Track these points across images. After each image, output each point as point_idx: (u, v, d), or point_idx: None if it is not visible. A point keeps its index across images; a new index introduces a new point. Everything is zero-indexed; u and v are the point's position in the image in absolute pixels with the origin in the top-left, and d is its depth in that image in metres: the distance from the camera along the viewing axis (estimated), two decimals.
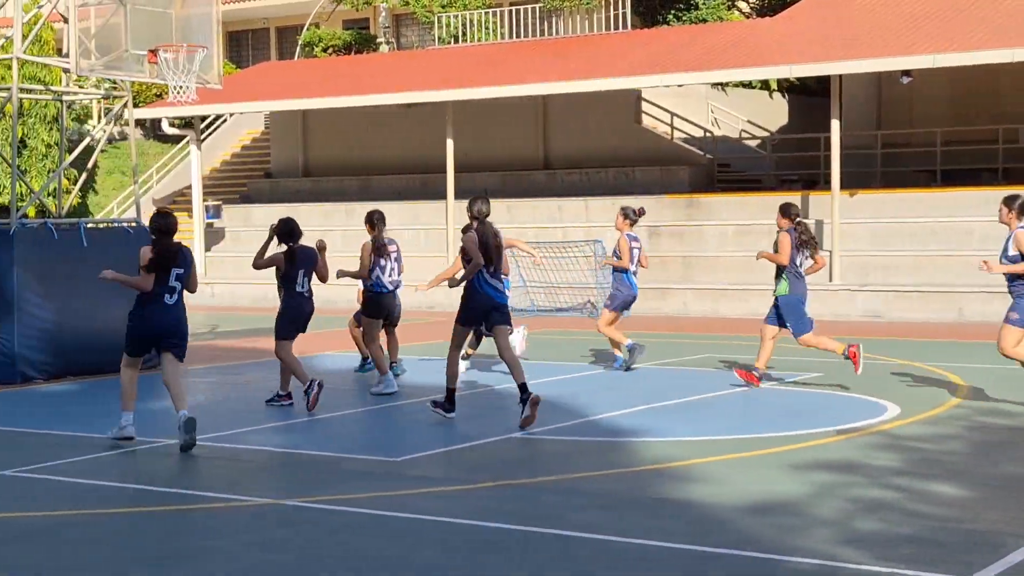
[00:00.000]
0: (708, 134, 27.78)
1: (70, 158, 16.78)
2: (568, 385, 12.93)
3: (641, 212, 14.10)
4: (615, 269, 13.94)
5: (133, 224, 15.20)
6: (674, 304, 22.05)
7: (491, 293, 10.54)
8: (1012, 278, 10.75)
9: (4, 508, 7.96)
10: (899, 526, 7.02)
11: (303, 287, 11.64)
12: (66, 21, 14.26)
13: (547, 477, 8.55)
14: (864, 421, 10.47)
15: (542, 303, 23.19)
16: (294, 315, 11.66)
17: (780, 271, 12.10)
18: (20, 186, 26.24)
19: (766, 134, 28.60)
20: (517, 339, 14.22)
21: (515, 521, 7.26)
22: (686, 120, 27.83)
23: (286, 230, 11.60)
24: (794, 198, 23.17)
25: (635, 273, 13.97)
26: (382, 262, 12.46)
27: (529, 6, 30.24)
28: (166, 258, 9.71)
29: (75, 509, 7.91)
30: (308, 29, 36.03)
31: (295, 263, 11.56)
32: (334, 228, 26.61)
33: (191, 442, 9.55)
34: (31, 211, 26.18)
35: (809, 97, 29.47)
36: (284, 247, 11.64)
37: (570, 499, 7.86)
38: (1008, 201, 10.73)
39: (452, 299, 25.30)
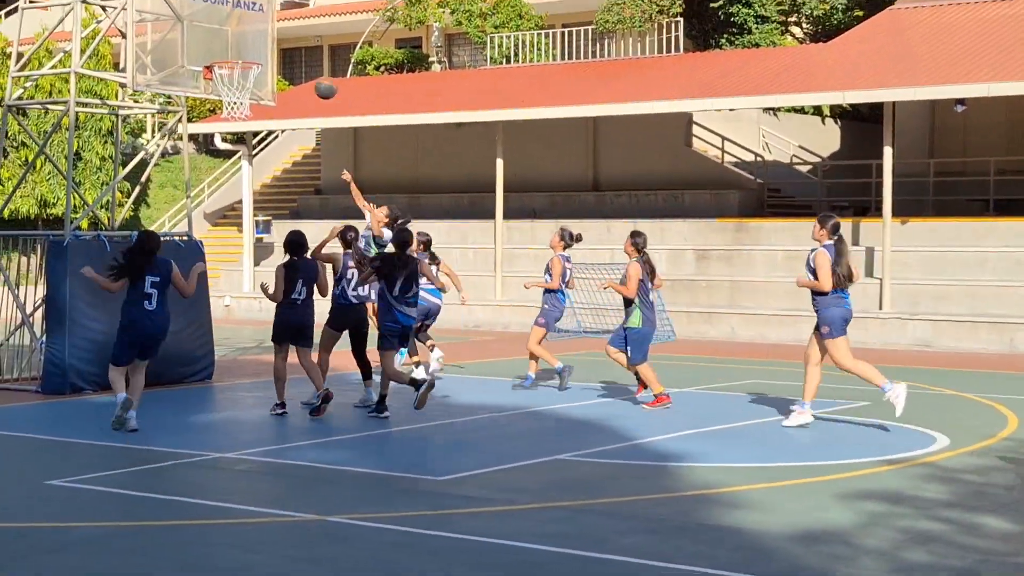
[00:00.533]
0: (759, 159, 27.67)
1: (124, 171, 16.98)
2: (613, 408, 12.88)
3: (578, 238, 14.32)
4: (546, 290, 14.07)
5: (185, 238, 15.35)
6: (721, 329, 21.95)
7: (397, 315, 11.76)
8: (814, 294, 11.31)
9: (52, 517, 8.04)
10: (947, 558, 6.94)
11: (298, 295, 12.11)
12: (123, 36, 14.44)
13: (591, 500, 8.52)
14: (912, 452, 10.36)
15: (589, 325, 23.15)
16: (280, 323, 12.17)
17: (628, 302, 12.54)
18: (74, 198, 26.57)
19: (817, 160, 28.44)
20: (434, 361, 14.73)
21: (557, 543, 7.23)
22: (737, 144, 27.74)
23: (293, 241, 12.18)
24: (845, 224, 23.02)
25: (566, 293, 14.26)
26: (349, 275, 12.53)
27: (581, 28, 30.30)
28: (132, 267, 10.93)
29: (122, 520, 7.97)
30: (361, 47, 36.28)
31: (295, 273, 12.06)
32: None
33: (119, 422, 10.92)
34: (84, 223, 26.49)
35: (861, 123, 29.30)
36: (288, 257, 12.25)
37: (614, 523, 7.82)
38: (822, 220, 11.31)
39: (495, 318, 25.26)
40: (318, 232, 16.79)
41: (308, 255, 12.34)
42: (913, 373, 16.33)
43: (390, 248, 12.51)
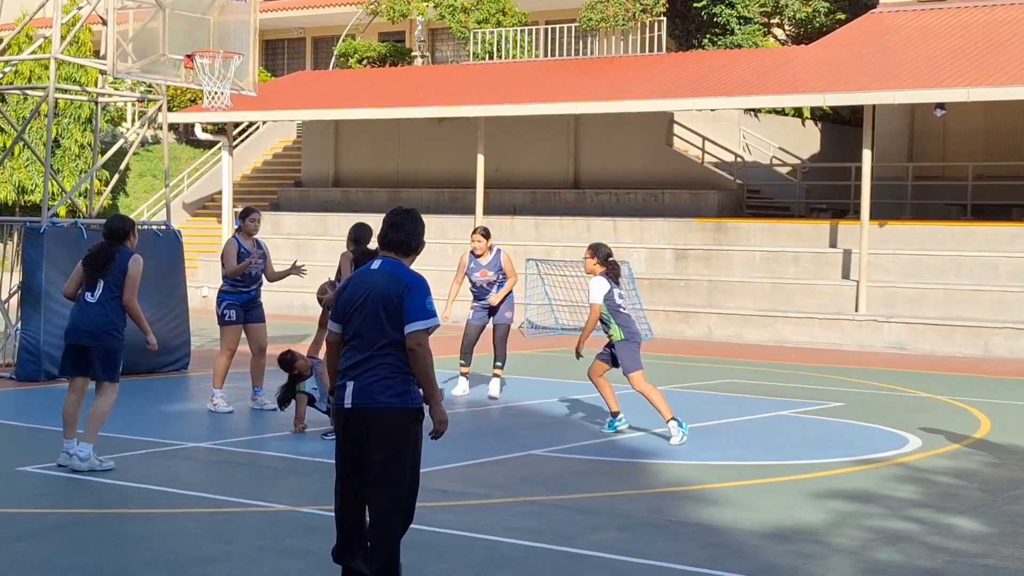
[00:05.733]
0: (739, 159, 27.74)
1: (103, 159, 16.90)
2: (590, 405, 12.91)
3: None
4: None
5: (162, 227, 15.30)
6: (699, 328, 21.99)
7: None
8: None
9: (22, 504, 8.01)
10: (916, 558, 6.98)
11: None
12: (105, 23, 14.37)
13: (564, 495, 8.53)
14: (885, 452, 10.41)
15: (567, 322, 23.16)
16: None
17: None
18: (52, 185, 26.44)
19: (797, 162, 28.52)
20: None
21: (529, 538, 7.25)
22: (717, 145, 27.80)
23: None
24: (823, 227, 23.15)
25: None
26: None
27: (565, 25, 30.30)
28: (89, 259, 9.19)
29: (93, 508, 7.94)
30: (344, 40, 36.21)
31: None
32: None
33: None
34: (62, 211, 26.36)
35: (842, 126, 29.39)
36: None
37: (585, 518, 7.84)
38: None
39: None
40: (301, 225, 16.69)
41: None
42: (888, 375, 16.41)
43: None
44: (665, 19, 29.43)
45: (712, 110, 25.67)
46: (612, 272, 11.18)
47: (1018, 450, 10.66)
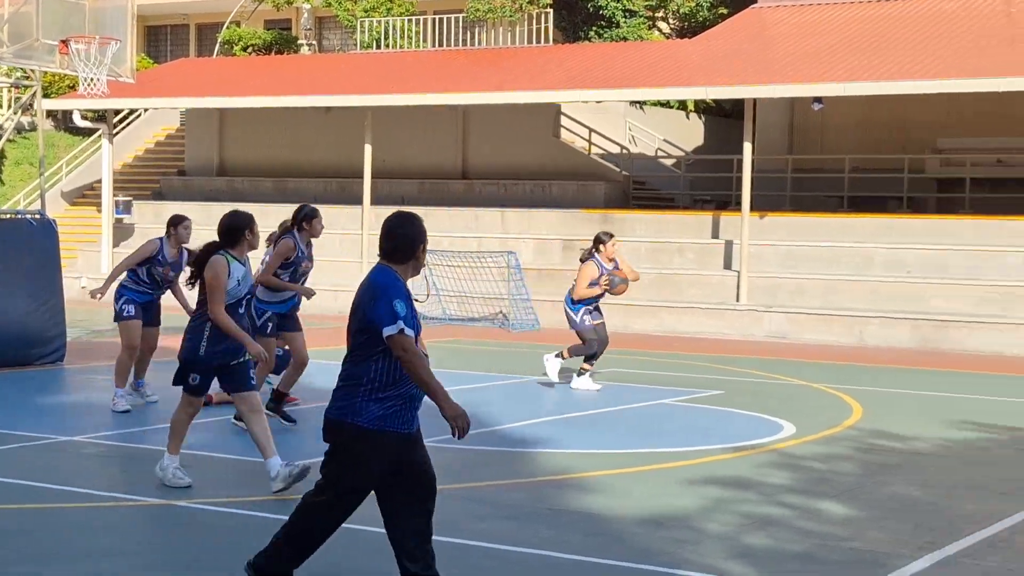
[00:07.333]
0: (625, 151, 28.05)
1: None
2: (476, 395, 12.97)
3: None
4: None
5: (37, 216, 14.96)
6: None
7: None
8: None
9: None
10: (787, 543, 7.18)
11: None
12: None
13: (448, 485, 8.54)
14: (760, 439, 10.66)
15: (454, 312, 23.22)
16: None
17: None
18: None
19: (681, 154, 28.95)
20: None
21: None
22: (604, 136, 28.07)
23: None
24: (706, 218, 23.53)
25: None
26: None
27: (452, 16, 30.30)
28: None
29: None
30: (228, 27, 35.71)
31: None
32: None
33: None
34: None
35: (725, 119, 29.90)
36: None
37: (471, 508, 7.90)
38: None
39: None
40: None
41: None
42: (768, 364, 16.78)
43: None
44: (552, 11, 29.62)
45: (598, 102, 25.93)
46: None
47: (888, 435, 11.00)
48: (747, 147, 21.78)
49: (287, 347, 11.04)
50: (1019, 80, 19.78)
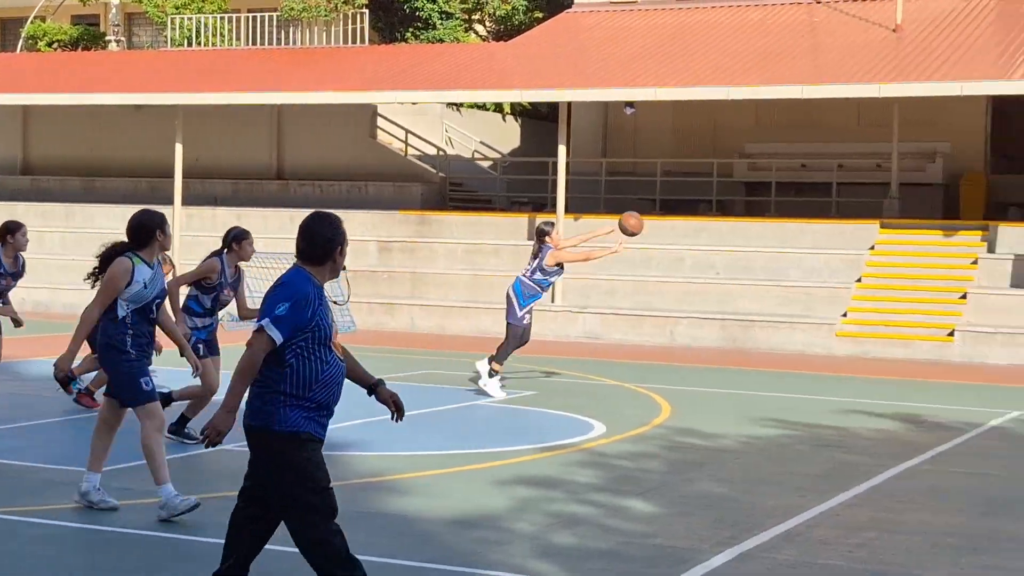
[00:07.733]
0: (442, 153, 28.13)
1: None
2: None
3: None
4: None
5: None
6: (401, 320, 22.17)
7: None
8: None
9: None
10: (592, 540, 7.31)
11: None
12: None
13: None
14: (570, 439, 10.84)
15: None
16: None
17: None
18: None
19: (498, 156, 29.18)
20: None
21: (214, 534, 7.14)
22: (421, 138, 28.09)
23: None
24: (522, 220, 23.78)
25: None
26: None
27: (267, 14, 29.87)
28: None
29: None
30: (33, 22, 34.44)
31: None
32: (53, 230, 25.55)
33: None
34: None
35: (541, 122, 30.25)
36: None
37: None
38: None
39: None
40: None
41: None
42: (580, 364, 17.06)
43: None
44: (368, 11, 29.49)
45: (414, 103, 25.93)
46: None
47: (695, 433, 11.31)
48: (562, 150, 22.09)
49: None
50: (821, 88, 20.59)
